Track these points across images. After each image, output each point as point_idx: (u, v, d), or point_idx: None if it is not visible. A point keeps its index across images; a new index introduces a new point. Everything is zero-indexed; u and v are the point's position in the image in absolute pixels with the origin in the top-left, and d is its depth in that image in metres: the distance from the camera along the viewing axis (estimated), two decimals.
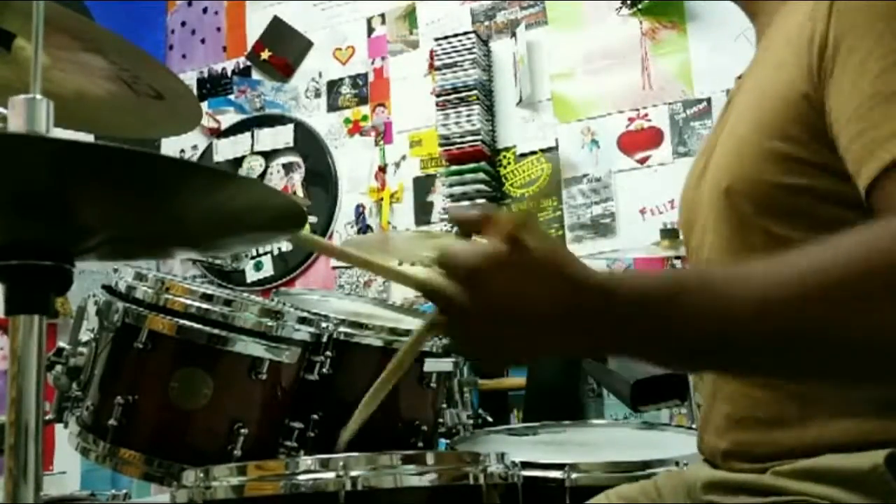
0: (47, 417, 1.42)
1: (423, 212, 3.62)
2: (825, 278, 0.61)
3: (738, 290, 0.63)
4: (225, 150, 4.08)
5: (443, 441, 1.70)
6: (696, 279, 0.66)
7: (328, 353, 1.54)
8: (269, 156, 4.00)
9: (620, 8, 3.36)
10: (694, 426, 1.68)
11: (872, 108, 0.69)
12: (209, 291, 1.46)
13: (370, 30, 3.90)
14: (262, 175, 3.97)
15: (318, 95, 3.97)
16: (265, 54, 4.09)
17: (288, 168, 3.97)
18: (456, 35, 3.50)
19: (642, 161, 3.28)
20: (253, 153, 4.02)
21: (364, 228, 3.73)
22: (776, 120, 0.78)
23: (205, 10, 4.30)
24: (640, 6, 3.33)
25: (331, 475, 1.10)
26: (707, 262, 0.89)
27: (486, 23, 3.64)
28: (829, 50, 0.73)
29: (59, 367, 1.42)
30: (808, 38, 0.75)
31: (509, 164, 3.50)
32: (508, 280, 0.64)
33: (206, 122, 4.06)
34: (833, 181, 0.73)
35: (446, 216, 3.42)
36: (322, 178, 3.87)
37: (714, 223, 0.87)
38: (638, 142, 3.30)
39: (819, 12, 0.74)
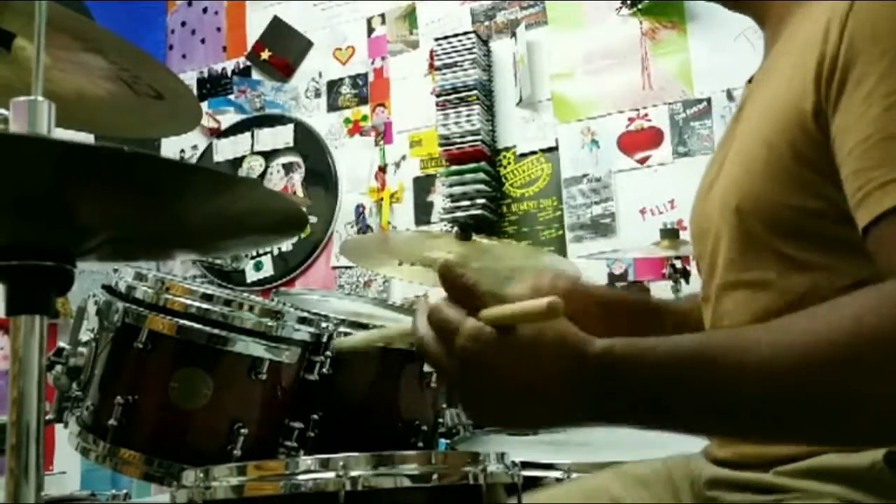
0: (47, 417, 1.42)
1: (423, 212, 3.62)
2: (816, 350, 0.62)
3: (738, 362, 0.64)
4: (225, 150, 4.08)
5: (443, 441, 1.70)
6: (695, 353, 0.66)
7: (328, 353, 1.54)
8: (269, 156, 4.00)
9: (620, 8, 3.36)
10: None
11: (871, 149, 0.68)
12: (209, 291, 1.46)
13: (370, 30, 3.90)
14: (262, 175, 3.97)
15: (318, 95, 3.97)
16: (265, 54, 4.09)
17: (288, 168, 3.97)
18: (456, 35, 3.50)
19: (642, 161, 3.28)
20: (253, 153, 4.02)
21: (364, 228, 3.73)
22: (786, 138, 0.77)
23: (205, 10, 4.30)
24: (640, 6, 3.32)
25: (331, 475, 1.10)
26: (719, 278, 0.89)
27: (486, 23, 3.64)
28: (836, 74, 0.72)
29: (59, 367, 1.42)
30: (818, 57, 0.74)
31: (509, 164, 3.50)
32: (504, 364, 0.65)
33: (206, 122, 4.06)
34: (845, 203, 0.72)
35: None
36: (322, 178, 3.87)
37: (725, 240, 0.86)
38: (638, 142, 3.30)
39: (831, 34, 0.73)
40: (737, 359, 0.64)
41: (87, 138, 1.26)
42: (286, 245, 3.85)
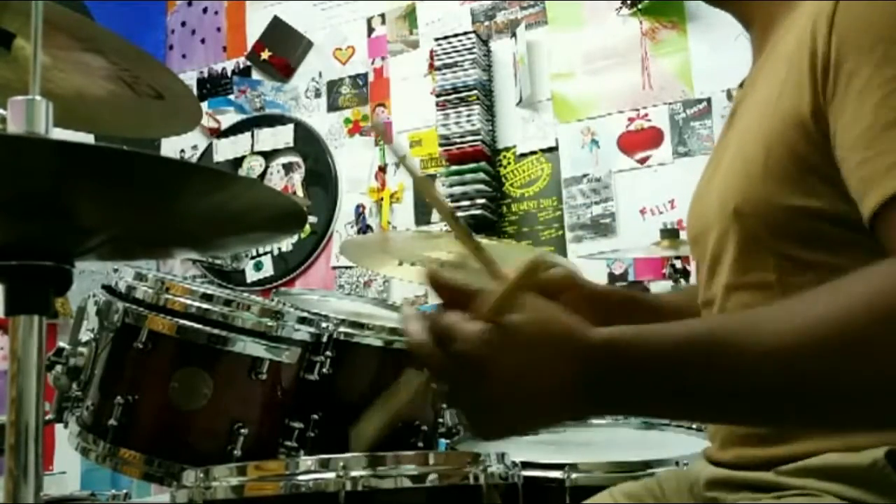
0: (47, 417, 1.42)
1: (423, 212, 3.62)
2: (827, 328, 0.61)
3: (747, 345, 0.62)
4: (225, 150, 4.07)
5: (443, 441, 1.70)
6: (703, 335, 0.65)
7: (328, 353, 1.54)
8: (269, 156, 4.00)
9: (620, 8, 3.36)
10: (694, 426, 1.69)
11: (874, 138, 0.68)
12: (209, 291, 1.46)
13: (370, 30, 3.90)
14: (262, 175, 3.96)
15: (318, 95, 3.97)
16: (265, 54, 4.09)
17: (288, 168, 3.97)
18: (456, 35, 3.50)
19: (642, 161, 3.28)
20: (253, 153, 4.02)
21: (364, 228, 3.73)
22: (784, 140, 0.77)
23: (205, 10, 4.30)
24: (640, 6, 3.32)
25: (331, 475, 1.10)
26: (719, 281, 0.88)
27: (486, 23, 3.64)
28: (830, 71, 0.72)
29: (59, 367, 1.42)
30: (810, 57, 0.74)
31: (509, 164, 3.50)
32: (508, 362, 0.62)
33: (206, 122, 4.06)
34: (844, 203, 0.72)
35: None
36: (322, 178, 3.87)
37: (724, 243, 0.86)
38: (638, 142, 3.30)
39: (820, 30, 0.73)
40: (746, 341, 0.62)
41: (87, 138, 1.26)
42: (286, 245, 3.85)
